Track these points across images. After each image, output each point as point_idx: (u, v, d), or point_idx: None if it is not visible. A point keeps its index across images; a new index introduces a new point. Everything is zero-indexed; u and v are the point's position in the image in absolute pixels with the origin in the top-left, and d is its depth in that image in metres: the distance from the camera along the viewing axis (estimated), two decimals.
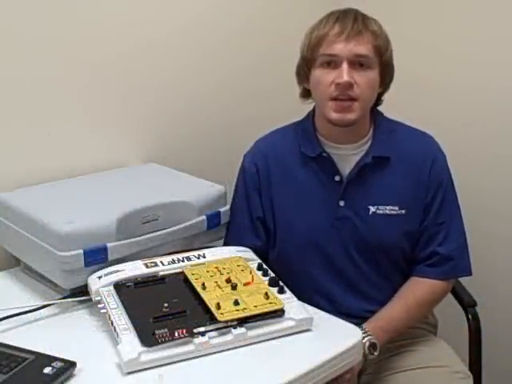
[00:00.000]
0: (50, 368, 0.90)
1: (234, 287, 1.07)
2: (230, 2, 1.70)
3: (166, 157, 1.58)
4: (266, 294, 1.05)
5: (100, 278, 1.09)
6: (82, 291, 1.13)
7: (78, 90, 1.44)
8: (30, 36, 1.33)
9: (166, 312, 1.01)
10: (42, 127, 1.39)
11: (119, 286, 1.08)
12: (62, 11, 1.37)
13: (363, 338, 1.15)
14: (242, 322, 1.00)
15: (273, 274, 1.14)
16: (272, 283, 1.10)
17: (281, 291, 1.09)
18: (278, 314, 1.03)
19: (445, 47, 1.73)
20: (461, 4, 1.69)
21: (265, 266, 1.17)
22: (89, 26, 1.42)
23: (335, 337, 1.05)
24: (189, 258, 1.17)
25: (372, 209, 1.28)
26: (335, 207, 1.29)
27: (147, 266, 1.13)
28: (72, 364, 0.92)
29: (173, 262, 1.15)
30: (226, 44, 1.70)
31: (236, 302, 1.02)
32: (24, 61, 1.33)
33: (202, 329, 0.97)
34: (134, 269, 1.12)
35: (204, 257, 1.18)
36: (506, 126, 1.65)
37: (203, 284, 1.07)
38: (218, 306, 1.01)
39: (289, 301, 1.07)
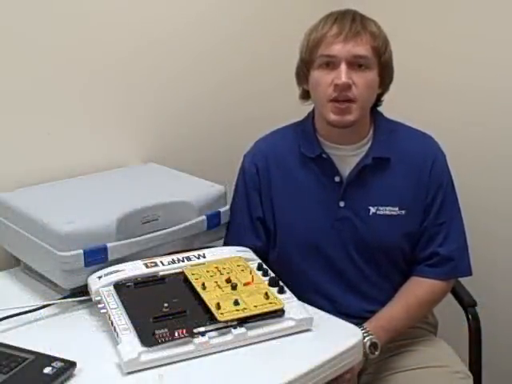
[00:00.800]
0: (50, 368, 0.90)
1: (234, 287, 1.07)
2: (229, 3, 1.70)
3: (166, 157, 1.58)
4: (266, 293, 1.05)
5: (100, 278, 1.09)
6: (82, 291, 1.13)
7: (78, 90, 1.44)
8: (30, 36, 1.33)
9: (166, 312, 1.01)
10: (42, 127, 1.39)
11: (119, 286, 1.08)
12: (62, 11, 1.37)
13: (364, 337, 1.15)
14: (242, 322, 1.00)
15: (273, 274, 1.14)
16: (272, 283, 1.10)
17: (281, 291, 1.09)
18: (278, 313, 1.03)
19: (445, 47, 1.73)
20: (461, 4, 1.69)
21: (265, 266, 1.16)
22: (89, 26, 1.42)
23: (335, 337, 1.05)
24: (189, 258, 1.17)
25: (372, 209, 1.28)
26: (335, 208, 1.29)
27: (147, 266, 1.13)
28: (72, 364, 0.92)
29: (173, 262, 1.15)
30: (225, 44, 1.70)
31: (236, 302, 1.02)
32: (24, 61, 1.33)
33: (202, 329, 0.97)
34: (134, 269, 1.12)
35: (204, 257, 1.18)
36: (506, 126, 1.65)
37: (203, 284, 1.07)
38: (218, 306, 1.01)
39: (289, 301, 1.07)
